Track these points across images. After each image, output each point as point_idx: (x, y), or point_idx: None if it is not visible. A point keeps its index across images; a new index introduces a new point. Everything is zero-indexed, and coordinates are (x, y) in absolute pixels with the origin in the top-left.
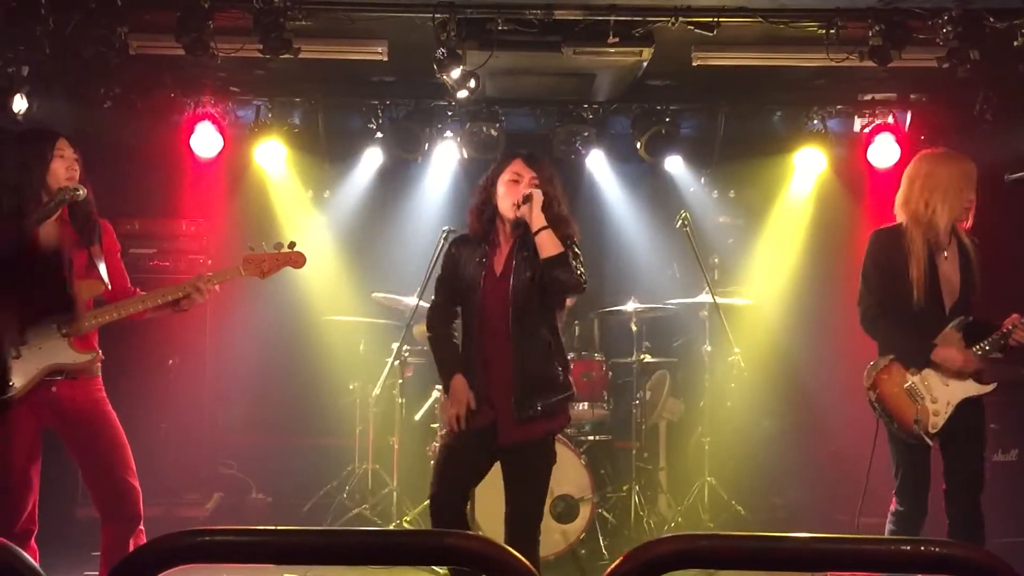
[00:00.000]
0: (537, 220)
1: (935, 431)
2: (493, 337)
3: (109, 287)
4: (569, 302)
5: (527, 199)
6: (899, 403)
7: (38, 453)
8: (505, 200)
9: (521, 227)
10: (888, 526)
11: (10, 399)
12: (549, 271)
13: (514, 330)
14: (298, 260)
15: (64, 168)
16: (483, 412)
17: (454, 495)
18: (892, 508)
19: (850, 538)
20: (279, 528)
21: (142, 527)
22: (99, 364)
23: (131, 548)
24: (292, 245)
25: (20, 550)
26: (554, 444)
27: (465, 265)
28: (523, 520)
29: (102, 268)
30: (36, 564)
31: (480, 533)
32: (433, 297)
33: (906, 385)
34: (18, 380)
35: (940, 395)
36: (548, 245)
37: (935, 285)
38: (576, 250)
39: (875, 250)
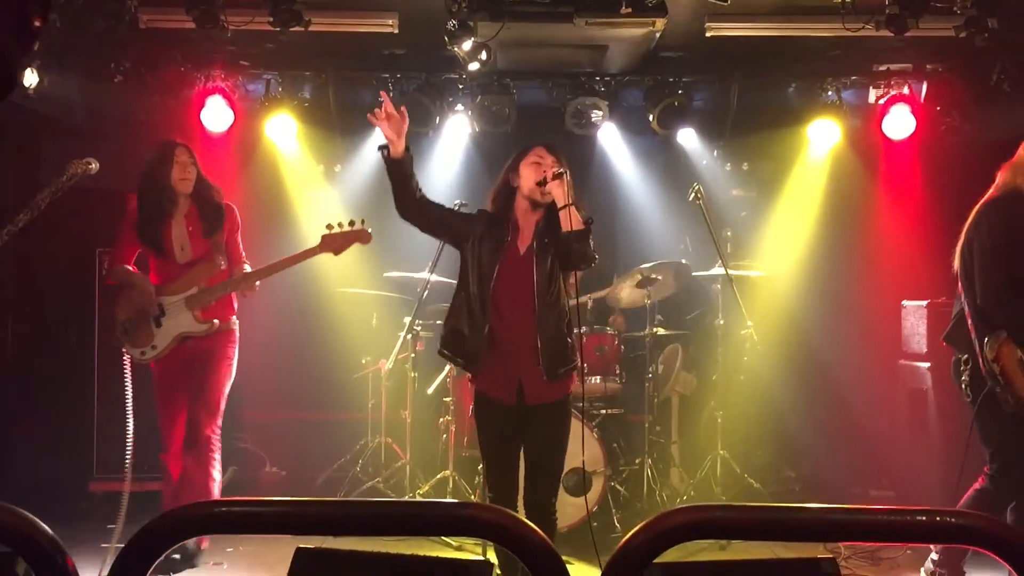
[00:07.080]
0: (565, 197)
1: None
2: (520, 308)
3: (222, 267)
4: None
5: (558, 175)
6: (1017, 375)
7: (185, 385)
8: (528, 179)
9: (539, 208)
10: (968, 501)
11: (155, 358)
12: (572, 242)
13: (539, 302)
14: (363, 236)
15: (178, 171)
16: (507, 384)
17: (511, 471)
18: (979, 485)
19: (865, 509)
20: (296, 499)
21: (215, 455)
22: (231, 321)
23: (207, 474)
24: (362, 222)
25: (38, 520)
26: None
27: (483, 241)
28: (548, 479)
29: (221, 252)
30: (55, 536)
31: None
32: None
33: (1020, 356)
34: (160, 343)
35: None
36: (574, 220)
37: None
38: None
39: (1000, 222)
